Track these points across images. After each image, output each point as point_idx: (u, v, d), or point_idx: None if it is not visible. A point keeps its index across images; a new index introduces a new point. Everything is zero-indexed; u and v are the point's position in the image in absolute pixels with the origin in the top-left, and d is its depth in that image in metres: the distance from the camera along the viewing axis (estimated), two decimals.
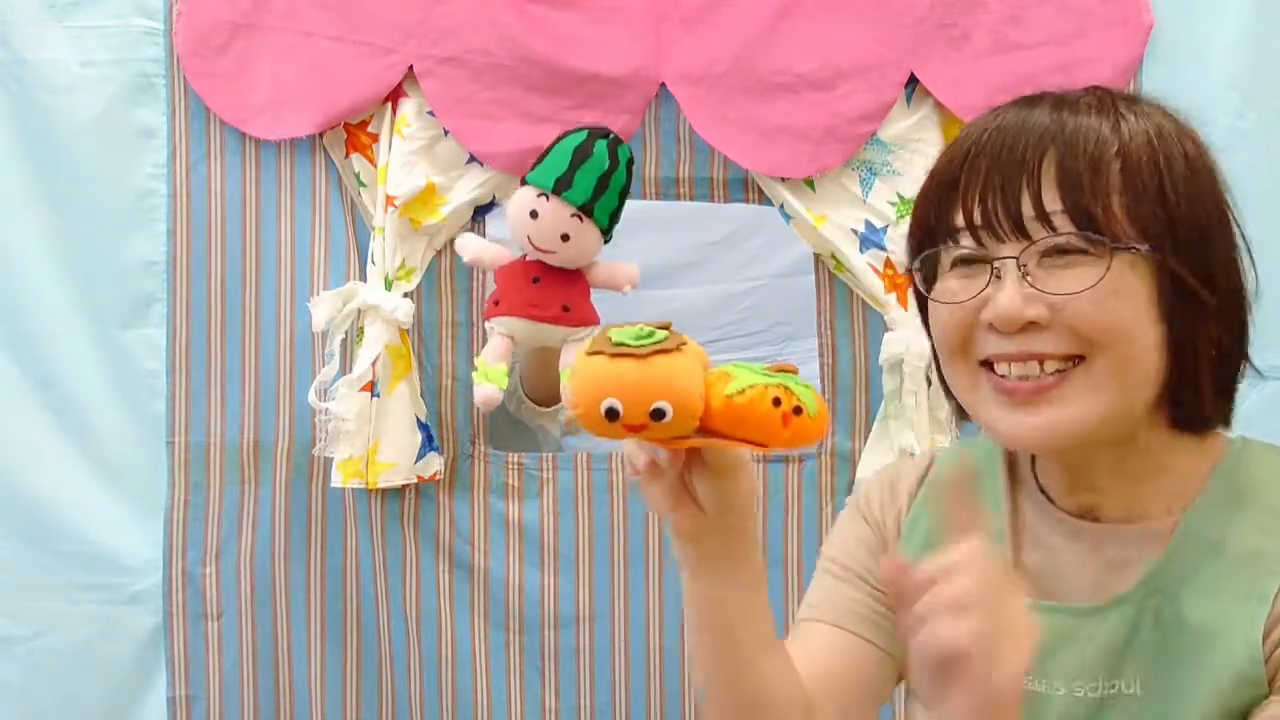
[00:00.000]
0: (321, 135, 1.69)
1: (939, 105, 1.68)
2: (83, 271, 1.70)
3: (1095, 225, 0.81)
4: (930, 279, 0.89)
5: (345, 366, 1.68)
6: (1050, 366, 0.83)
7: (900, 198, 1.68)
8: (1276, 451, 0.91)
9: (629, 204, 1.67)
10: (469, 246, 1.66)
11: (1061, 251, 0.82)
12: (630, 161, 1.62)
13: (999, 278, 0.83)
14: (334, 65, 1.66)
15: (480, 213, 1.73)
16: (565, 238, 1.59)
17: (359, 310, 1.67)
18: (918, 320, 1.63)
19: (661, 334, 0.72)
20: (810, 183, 1.69)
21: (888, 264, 1.68)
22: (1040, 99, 0.88)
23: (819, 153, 1.66)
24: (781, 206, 1.70)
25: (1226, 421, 0.90)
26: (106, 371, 1.71)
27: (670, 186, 1.74)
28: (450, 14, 1.65)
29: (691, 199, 1.76)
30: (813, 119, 1.66)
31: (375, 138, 1.69)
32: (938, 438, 1.68)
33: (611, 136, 1.61)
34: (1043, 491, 0.93)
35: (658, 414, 0.69)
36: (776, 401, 0.71)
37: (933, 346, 0.92)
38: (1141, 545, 0.87)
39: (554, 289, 1.63)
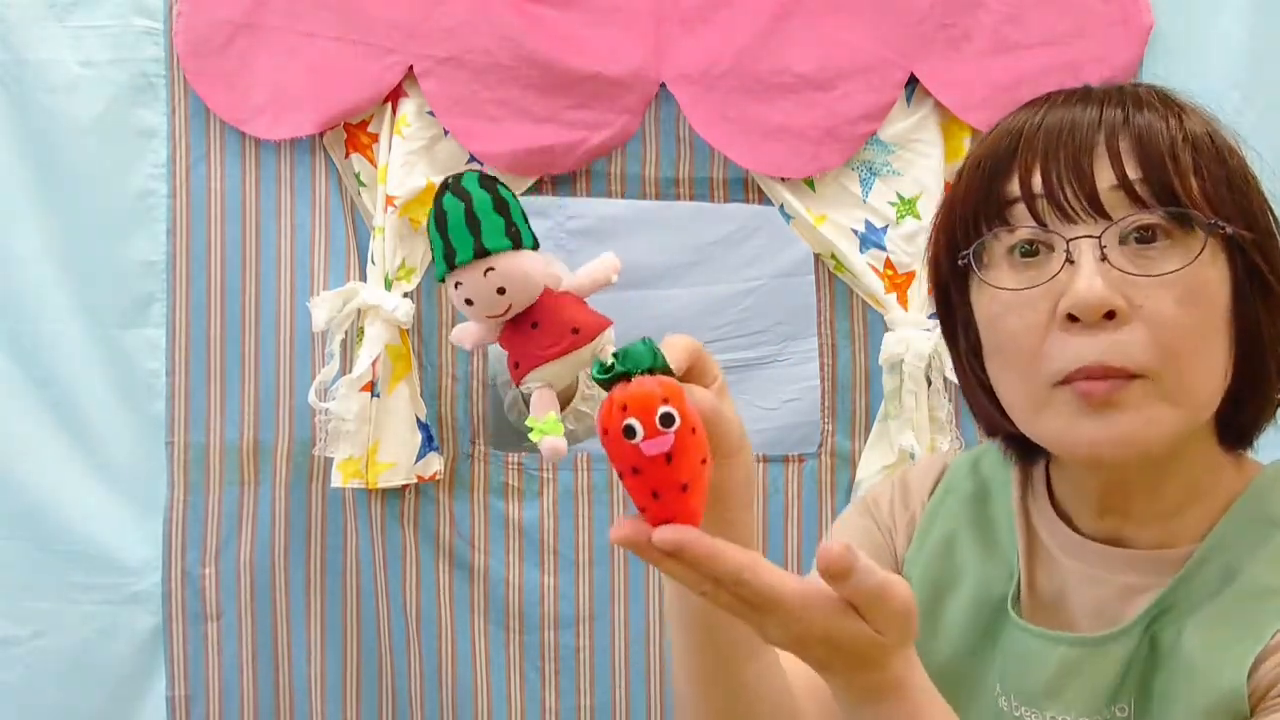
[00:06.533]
0: (321, 135, 1.69)
1: (939, 105, 1.68)
2: (83, 271, 1.69)
3: (1179, 203, 0.72)
4: (963, 285, 0.81)
5: (345, 366, 1.68)
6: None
7: (900, 198, 1.68)
8: None
9: (629, 204, 1.66)
10: (468, 337, 1.66)
11: (1143, 238, 0.73)
12: (481, 177, 1.61)
13: (1072, 262, 0.73)
14: (334, 65, 1.66)
15: None
16: (501, 291, 1.58)
17: (359, 310, 1.67)
18: (917, 320, 1.66)
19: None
20: (810, 183, 1.69)
21: (888, 264, 1.68)
22: (1085, 93, 0.79)
23: (819, 153, 1.67)
24: (781, 206, 1.70)
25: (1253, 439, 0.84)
26: (106, 371, 1.70)
27: (670, 186, 1.74)
28: (450, 14, 1.65)
29: (691, 199, 1.76)
30: (813, 119, 1.66)
31: (375, 138, 1.69)
32: (937, 438, 1.69)
33: (448, 181, 1.60)
34: (1058, 511, 0.86)
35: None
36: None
37: (964, 353, 0.85)
38: (1159, 572, 0.81)
39: (554, 321, 1.61)
